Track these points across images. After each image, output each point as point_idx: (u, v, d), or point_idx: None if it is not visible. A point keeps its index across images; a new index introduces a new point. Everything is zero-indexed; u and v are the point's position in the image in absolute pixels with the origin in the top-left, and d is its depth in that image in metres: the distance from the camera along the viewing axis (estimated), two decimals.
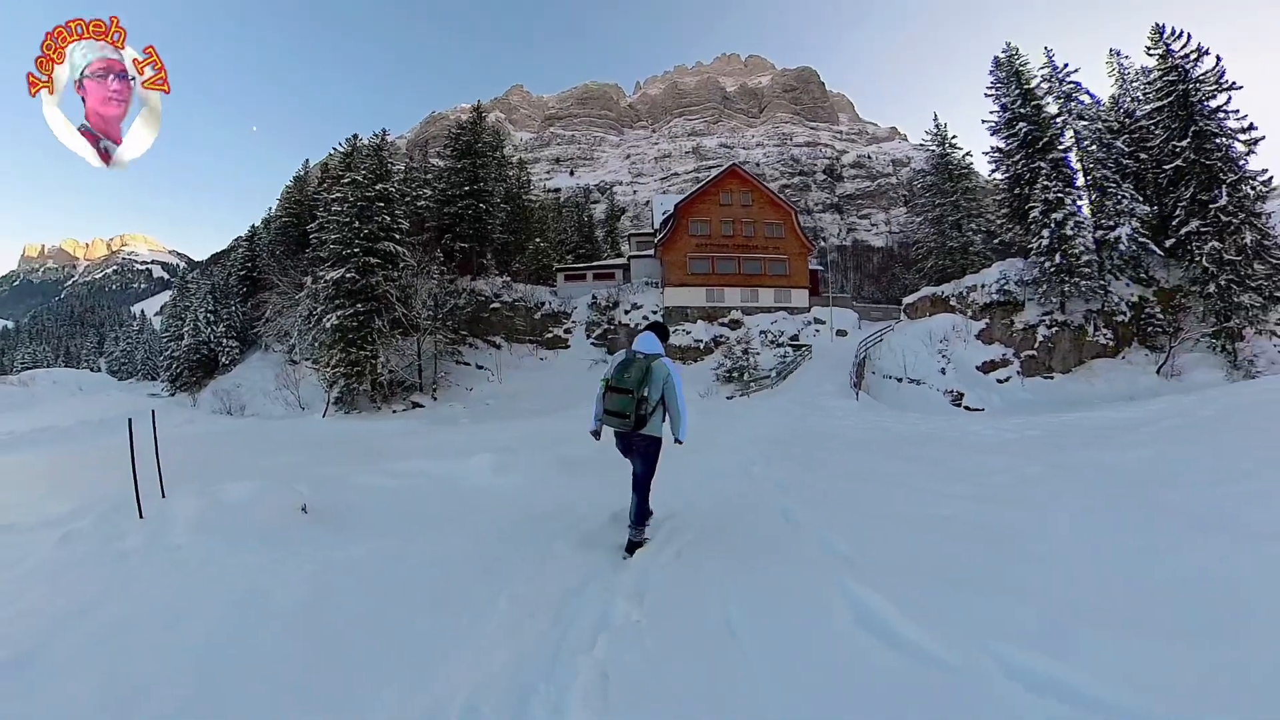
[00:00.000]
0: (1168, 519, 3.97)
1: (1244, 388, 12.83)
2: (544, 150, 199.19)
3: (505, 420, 18.63)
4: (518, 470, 6.34)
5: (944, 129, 38.02)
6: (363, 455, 8.41)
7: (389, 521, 4.53)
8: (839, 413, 16.20)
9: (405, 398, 28.94)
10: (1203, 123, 24.35)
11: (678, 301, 36.30)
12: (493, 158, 40.43)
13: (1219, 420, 7.98)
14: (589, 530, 4.35)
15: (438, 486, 5.65)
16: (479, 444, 8.70)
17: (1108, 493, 4.97)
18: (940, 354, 27.09)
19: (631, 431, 4.01)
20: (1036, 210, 25.65)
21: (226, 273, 46.90)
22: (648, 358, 4.08)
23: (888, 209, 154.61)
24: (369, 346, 27.72)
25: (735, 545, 3.90)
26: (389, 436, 13.61)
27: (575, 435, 10.44)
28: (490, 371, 32.55)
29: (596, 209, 79.72)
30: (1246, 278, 23.19)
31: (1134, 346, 25.67)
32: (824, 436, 10.41)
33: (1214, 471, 5.09)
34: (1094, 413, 12.69)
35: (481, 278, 36.92)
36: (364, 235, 28.46)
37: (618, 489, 5.53)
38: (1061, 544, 3.71)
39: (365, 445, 10.37)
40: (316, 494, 5.10)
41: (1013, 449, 8.22)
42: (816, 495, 5.37)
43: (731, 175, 38.83)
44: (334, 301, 28.10)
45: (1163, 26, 26.34)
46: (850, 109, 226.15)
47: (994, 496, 5.23)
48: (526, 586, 3.18)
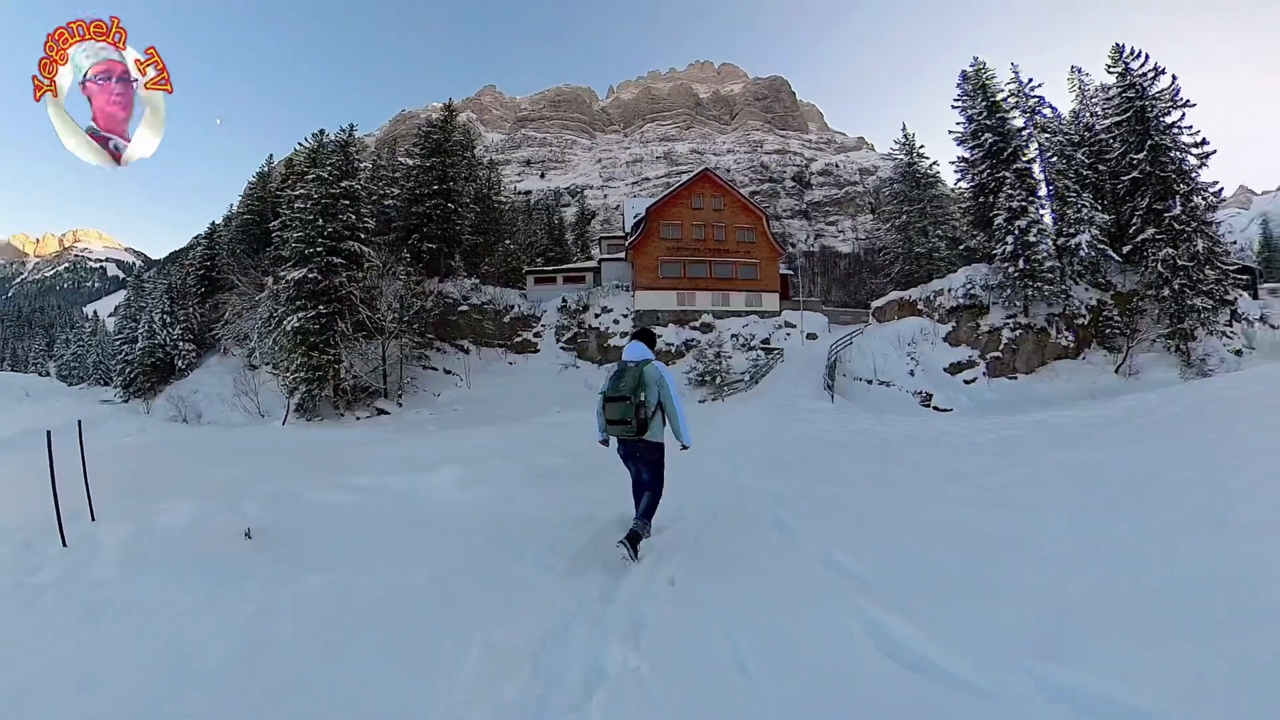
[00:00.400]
0: (1164, 516, 3.91)
1: (1202, 386, 13.17)
2: (515, 152, 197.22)
3: (474, 427, 17.98)
4: (487, 483, 5.86)
5: (912, 139, 38.85)
6: (321, 467, 7.75)
7: (344, 547, 4.06)
8: (816, 415, 16.04)
9: (369, 404, 27.89)
10: (1158, 137, 25.65)
11: (649, 305, 36.08)
12: (463, 157, 39.63)
13: (1188, 417, 8.11)
14: (569, 552, 3.96)
15: (399, 504, 5.17)
16: (445, 454, 8.18)
17: (1101, 491, 4.90)
18: (909, 356, 27.55)
19: (635, 439, 4.09)
20: (1001, 218, 26.43)
21: (184, 272, 44.51)
22: (639, 364, 4.16)
23: (854, 216, 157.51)
24: (331, 350, 26.66)
25: (733, 566, 3.57)
26: (351, 446, 12.85)
27: (548, 442, 9.84)
28: (458, 376, 31.63)
29: (567, 212, 79.22)
30: (1198, 282, 24.48)
31: (1093, 347, 26.70)
32: (806, 440, 10.20)
33: (1199, 467, 5.07)
34: (1067, 411, 12.83)
35: (449, 280, 36.01)
36: (328, 234, 27.40)
37: (595, 501, 5.16)
38: (1067, 547, 3.60)
39: (325, 456, 9.69)
40: (266, 514, 4.61)
41: (997, 449, 8.14)
42: (811, 504, 5.07)
43: (704, 179, 38.98)
44: (295, 303, 26.90)
45: (1123, 46, 27.55)
46: (820, 118, 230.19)
47: (990, 499, 5.08)
48: (502, 627, 2.74)
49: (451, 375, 31.77)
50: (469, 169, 40.73)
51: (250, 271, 34.27)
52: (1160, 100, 26.19)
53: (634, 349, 4.33)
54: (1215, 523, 3.58)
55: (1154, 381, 23.09)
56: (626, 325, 35.49)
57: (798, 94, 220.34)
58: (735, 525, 4.56)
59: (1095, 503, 4.52)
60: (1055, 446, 7.61)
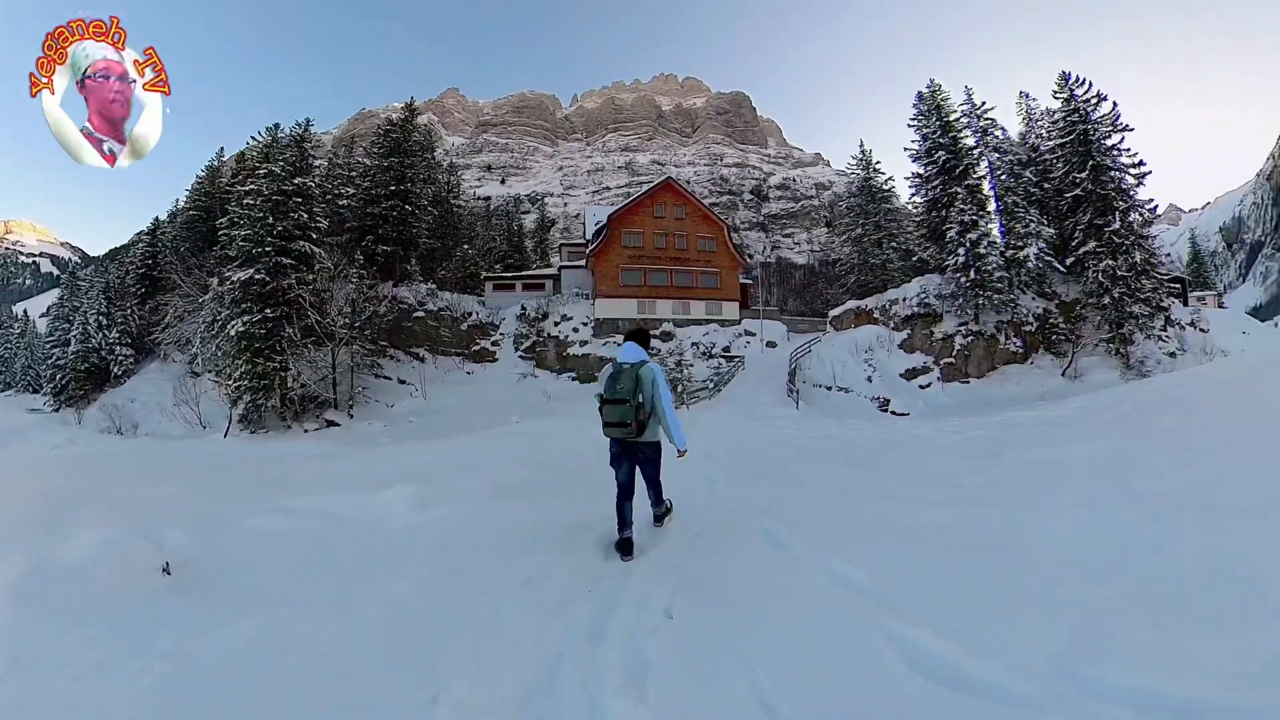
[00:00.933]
0: (1152, 506, 3.93)
1: (1145, 386, 13.69)
2: (476, 156, 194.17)
3: (430, 439, 17.17)
4: (445, 502, 5.30)
5: (869, 155, 40.09)
6: (261, 485, 6.97)
7: (281, 584, 3.47)
8: (783, 422, 16.01)
9: (318, 415, 26.42)
10: (1100, 158, 27.27)
11: (609, 313, 35.71)
12: (423, 158, 38.45)
13: (1141, 413, 8.32)
14: (544, 581, 3.49)
15: (346, 529, 4.57)
16: (398, 470, 7.58)
17: (1083, 486, 4.89)
18: (866, 363, 28.07)
19: (635, 440, 4.15)
20: (953, 230, 27.49)
21: (124, 271, 41.31)
22: (634, 366, 4.16)
23: (810, 229, 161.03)
24: (278, 357, 25.19)
25: (732, 589, 3.24)
26: (296, 460, 11.92)
27: (509, 454, 9.34)
28: (413, 386, 30.32)
29: (527, 219, 78.29)
30: (1136, 291, 26.09)
31: (1040, 353, 27.97)
32: (777, 447, 10.03)
33: (1170, 458, 5.16)
34: (1026, 413, 13.11)
35: (405, 284, 34.68)
36: (277, 233, 25.98)
37: (569, 520, 4.75)
38: (1065, 544, 3.55)
39: (266, 472, 8.82)
40: (191, 542, 3.99)
41: (967, 450, 8.15)
42: (798, 514, 4.81)
43: (666, 188, 39.10)
44: (240, 306, 25.31)
45: (1069, 74, 29.19)
46: (779, 134, 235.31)
47: (977, 499, 4.99)
48: (475, 680, 2.29)
49: (406, 385, 30.42)
50: (428, 170, 39.57)
51: (194, 271, 32.21)
52: (1102, 124, 27.81)
53: (629, 350, 4.32)
54: (1203, 507, 3.66)
55: (1097, 383, 24.52)
56: (586, 334, 35.03)
57: (758, 109, 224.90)
58: (724, 542, 4.23)
59: (1081, 498, 4.51)
60: (1024, 445, 7.66)
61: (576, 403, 28.31)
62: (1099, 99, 28.14)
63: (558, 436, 12.14)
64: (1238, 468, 4.41)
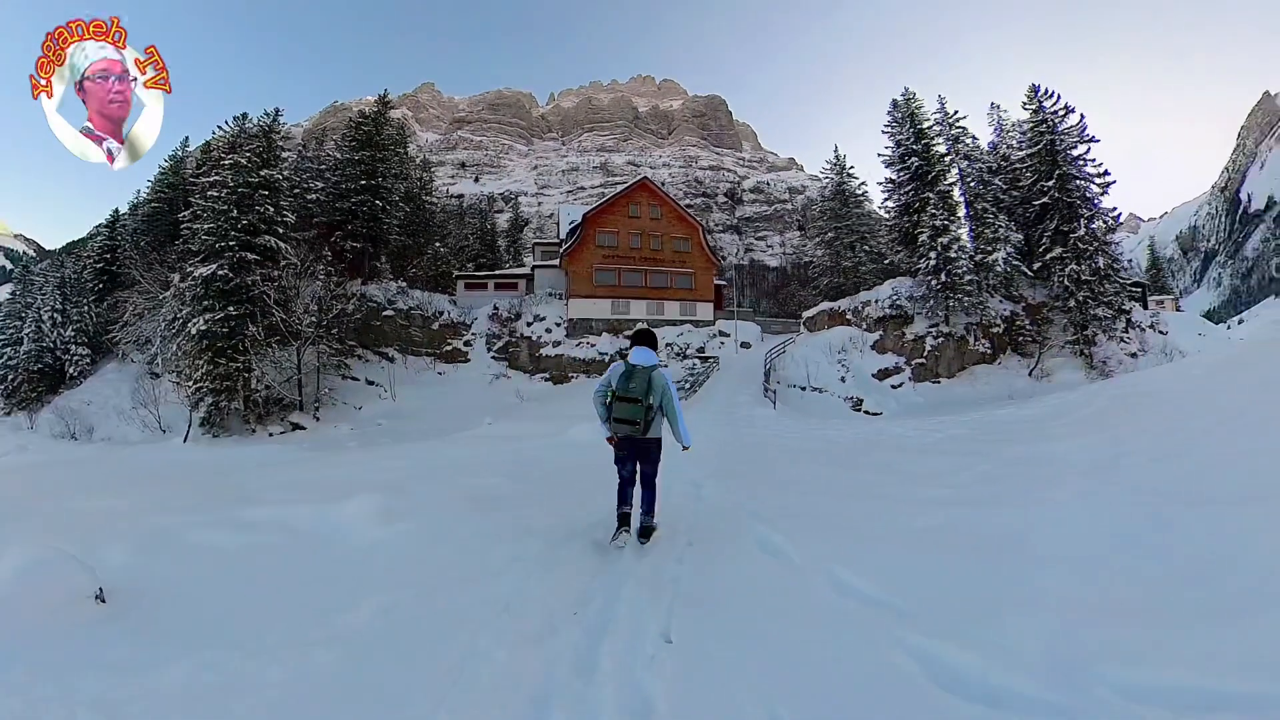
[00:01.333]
0: (1144, 500, 3.95)
1: (1111, 385, 14.05)
2: (450, 154, 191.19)
3: (399, 443, 16.60)
4: (413, 514, 4.87)
5: (843, 160, 40.66)
6: (217, 495, 6.46)
7: (229, 612, 3.06)
8: (762, 421, 15.99)
9: (283, 418, 25.49)
10: (1066, 167, 28.35)
11: (582, 313, 35.35)
12: (395, 153, 37.47)
13: (1113, 411, 8.49)
14: (525, 604, 3.13)
15: (304, 545, 4.15)
16: (364, 478, 7.16)
17: (1074, 482, 4.89)
18: (840, 363, 28.39)
19: (641, 436, 4.39)
20: (925, 235, 28.09)
21: (81, 265, 39.13)
22: (647, 369, 4.41)
23: (783, 232, 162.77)
24: (241, 357, 24.23)
25: (734, 607, 3.02)
26: (258, 467, 11.34)
27: (483, 460, 8.94)
28: (381, 387, 29.42)
29: (500, 218, 77.31)
30: (1100, 294, 27.19)
31: (1008, 353, 28.82)
32: (760, 448, 9.92)
33: (1152, 453, 5.31)
34: (1000, 411, 13.32)
35: (374, 282, 33.77)
36: (242, 227, 25.02)
37: (551, 534, 4.46)
38: (1069, 540, 3.54)
39: (225, 480, 8.20)
40: (132, 563, 3.61)
41: (950, 447, 8.17)
42: (791, 519, 4.64)
43: (642, 188, 38.84)
44: (202, 303, 24.30)
45: (1038, 86, 30.28)
46: (754, 138, 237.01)
47: (969, 498, 4.94)
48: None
49: (374, 386, 29.51)
50: (401, 166, 38.64)
51: (155, 267, 30.63)
52: (1069, 135, 28.93)
53: (641, 353, 4.55)
54: (1193, 499, 3.71)
55: (1063, 382, 25.41)
56: (560, 334, 34.63)
57: (734, 113, 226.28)
58: (717, 552, 4.03)
59: (1072, 493, 4.48)
60: (1006, 442, 7.69)
61: (550, 404, 27.86)
62: (1067, 111, 29.16)
63: (533, 440, 11.81)
64: (1218, 461, 4.51)
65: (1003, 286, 28.96)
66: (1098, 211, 28.17)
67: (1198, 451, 4.72)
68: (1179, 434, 5.46)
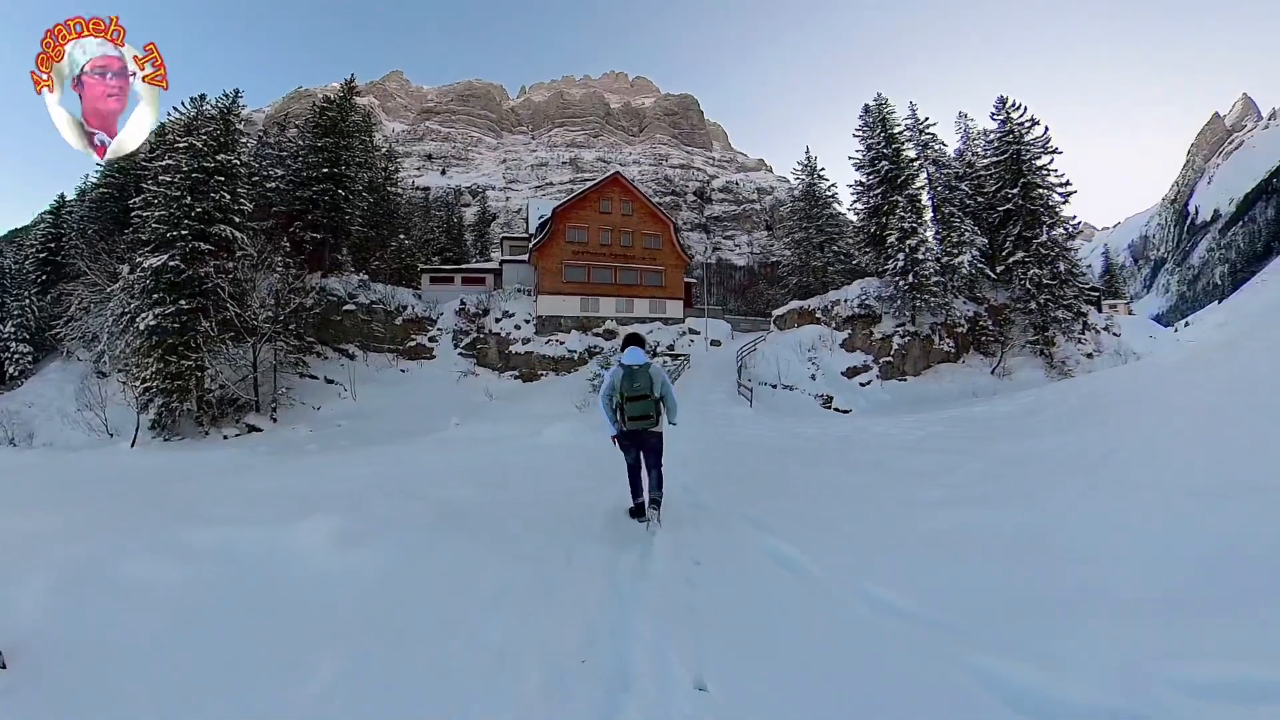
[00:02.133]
0: (1147, 494, 3.92)
1: (1081, 383, 14.13)
2: (417, 144, 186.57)
3: (361, 446, 15.84)
4: (376, 537, 4.14)
5: (814, 161, 41.03)
6: (160, 509, 5.43)
7: (156, 675, 2.40)
8: (740, 420, 15.84)
9: (238, 420, 24.20)
10: (1031, 176, 29.50)
11: (551, 310, 34.73)
12: (360, 140, 36.12)
13: (1089, 408, 8.57)
14: (521, 652, 2.58)
15: (250, 579, 3.44)
16: (323, 487, 6.46)
17: (1072, 480, 4.81)
18: (810, 361, 28.59)
19: (649, 430, 4.83)
20: (894, 236, 28.68)
21: (22, 255, 36.50)
22: (644, 366, 4.86)
23: (751, 232, 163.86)
24: (193, 354, 22.94)
25: (765, 636, 2.64)
26: (209, 474, 10.35)
27: (455, 465, 8.36)
28: (342, 386, 28.14)
29: (467, 212, 75.93)
30: (1060, 298, 28.35)
31: (971, 352, 29.68)
32: (744, 447, 9.68)
33: (1138, 448, 5.27)
34: (976, 408, 13.40)
35: (335, 275, 32.51)
36: (196, 215, 23.65)
37: (543, 557, 3.97)
38: (1092, 538, 3.44)
39: (170, 492, 7.14)
40: (52, 606, 2.98)
41: (935, 445, 8.10)
42: (796, 525, 4.40)
43: (613, 183, 38.27)
44: (152, 296, 22.86)
45: (1005, 97, 31.28)
46: (724, 138, 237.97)
47: (971, 497, 4.80)
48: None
49: (334, 385, 28.22)
50: (365, 154, 37.31)
51: (103, 257, 28.53)
52: (1033, 146, 30.07)
53: (634, 354, 4.95)
54: (1195, 490, 3.68)
55: (1024, 380, 26.48)
56: (529, 331, 33.94)
57: (705, 113, 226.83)
58: (729, 570, 3.65)
59: (1076, 491, 4.37)
60: (990, 440, 7.63)
61: (520, 402, 27.21)
62: (1032, 123, 30.27)
63: (506, 443, 11.34)
64: (1205, 456, 4.51)
65: (967, 288, 29.74)
66: (1059, 219, 29.30)
67: (1184, 447, 4.70)
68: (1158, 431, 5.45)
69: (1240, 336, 10.49)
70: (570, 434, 11.40)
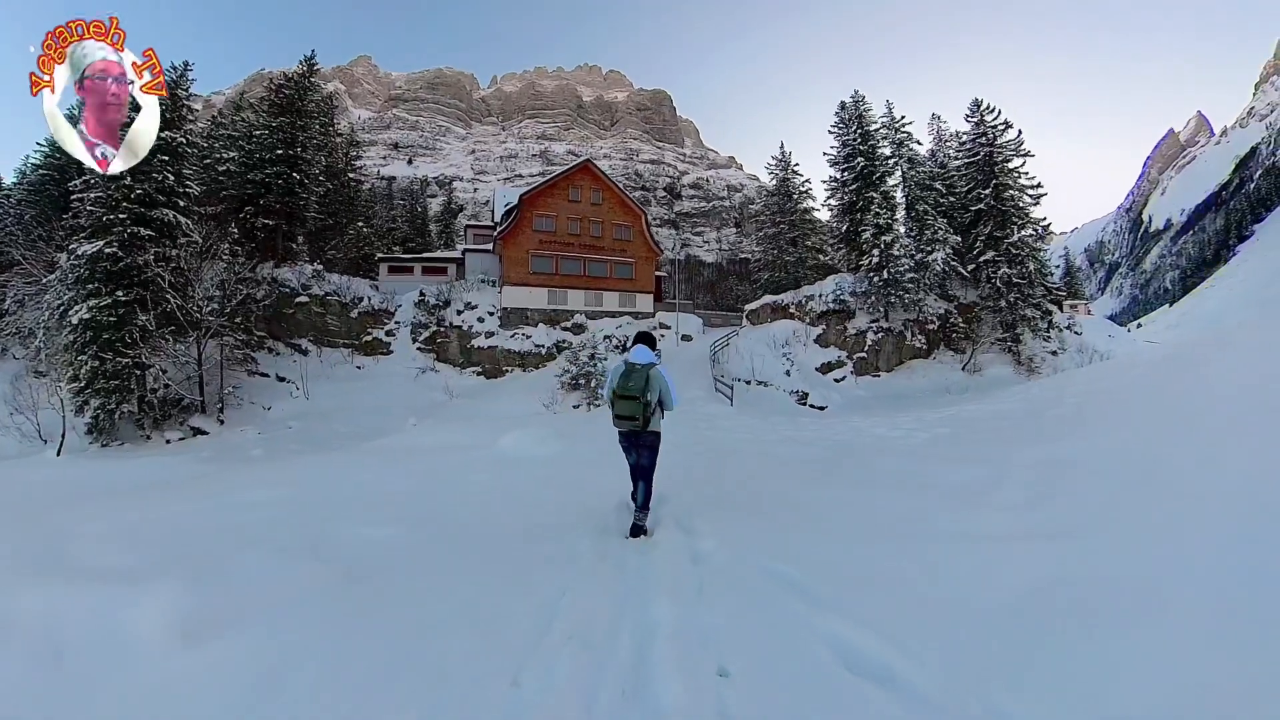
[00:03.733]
0: (1249, 515, 3.02)
1: (1071, 381, 13.40)
2: (383, 133, 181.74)
3: (305, 453, 14.34)
4: (237, 626, 2.81)
5: (789, 156, 40.73)
6: (17, 553, 3.72)
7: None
8: (722, 420, 14.89)
9: (183, 422, 22.22)
10: (1003, 178, 29.89)
11: (516, 302, 33.13)
12: (319, 122, 34.05)
13: (1092, 408, 7.94)
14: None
15: (57, 688, 2.26)
16: (211, 522, 5.07)
17: (1137, 492, 3.95)
18: (785, 357, 28.19)
19: (641, 430, 4.68)
20: (868, 232, 28.67)
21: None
22: (645, 367, 4.70)
23: (720, 229, 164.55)
24: (133, 351, 20.97)
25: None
26: (109, 496, 8.17)
27: (384, 490, 6.73)
28: (294, 384, 26.32)
29: (434, 203, 73.78)
30: (1029, 296, 28.78)
31: (941, 349, 29.97)
32: (735, 454, 8.70)
33: (1186, 455, 4.34)
34: (969, 406, 12.68)
35: (288, 264, 30.53)
36: (136, 197, 21.61)
37: (468, 658, 2.60)
38: (1209, 589, 2.48)
39: (44, 523, 5.17)
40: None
41: (953, 452, 7.27)
42: (849, 586, 3.20)
43: (584, 171, 36.81)
44: (86, 286, 20.79)
45: (980, 100, 31.69)
46: (695, 134, 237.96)
47: (1044, 526, 3.76)
48: None
49: (286, 383, 26.40)
50: (325, 137, 35.21)
51: (39, 244, 26.19)
52: (1006, 148, 30.48)
53: (640, 352, 4.85)
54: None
55: (995, 377, 26.82)
56: (493, 324, 32.27)
57: (678, 109, 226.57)
58: (780, 699, 2.25)
59: (1165, 513, 3.37)
60: (1009, 443, 6.86)
61: (483, 400, 25.96)
62: (1006, 126, 30.67)
63: (455, 454, 9.52)
64: (1264, 462, 3.67)
65: (938, 286, 29.86)
66: (1029, 220, 29.77)
67: (1239, 453, 3.94)
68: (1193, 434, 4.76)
69: (1235, 331, 10.08)
70: (532, 443, 9.73)
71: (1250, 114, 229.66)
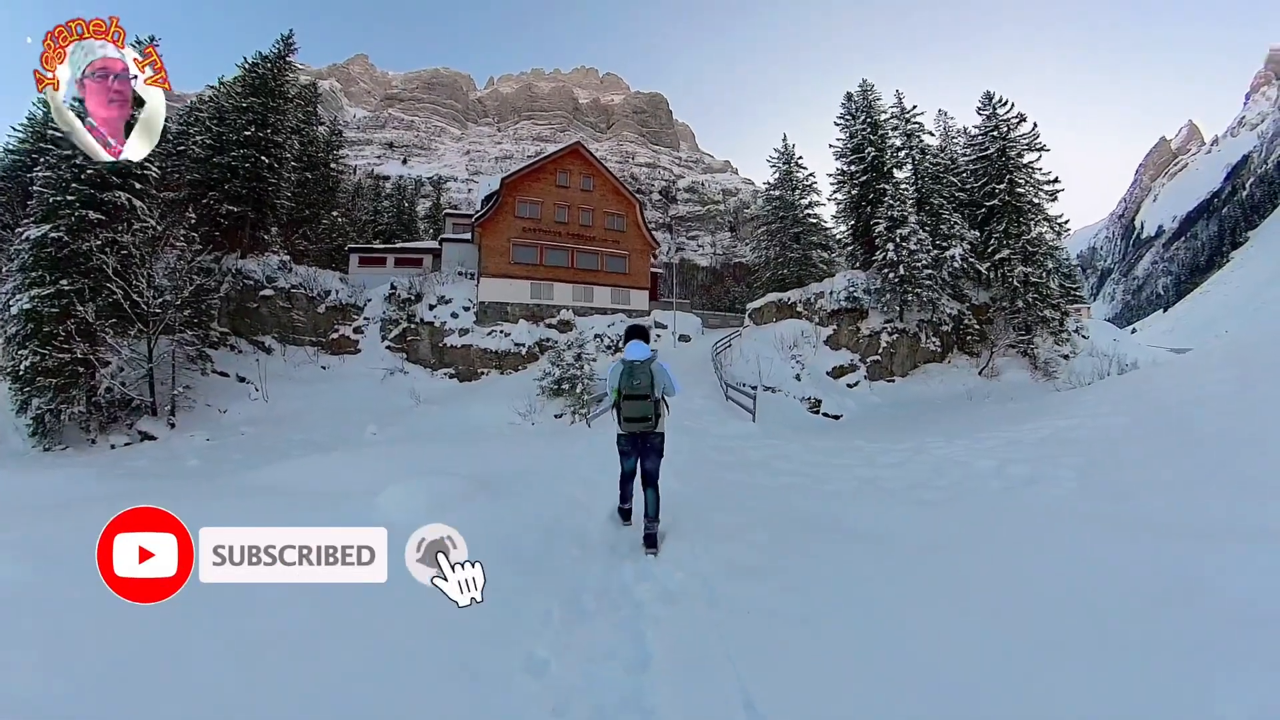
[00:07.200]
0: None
1: (1131, 388, 11.12)
2: (379, 132, 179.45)
3: (258, 464, 12.06)
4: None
5: (792, 149, 38.81)
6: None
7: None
8: (749, 445, 10.80)
9: (131, 425, 20.16)
10: (1016, 173, 28.57)
11: (495, 296, 29.84)
12: (296, 104, 31.80)
13: (1140, 429, 6.76)
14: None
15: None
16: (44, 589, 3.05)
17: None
18: (794, 360, 26.14)
19: (651, 431, 4.59)
20: (882, 226, 27.01)
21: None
22: (645, 363, 4.62)
23: (714, 233, 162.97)
24: (75, 345, 18.94)
25: None
26: (22, 512, 6.41)
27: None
28: (253, 385, 23.85)
29: (426, 202, 71.82)
30: (1047, 296, 27.28)
31: (956, 352, 28.31)
32: (769, 500, 6.09)
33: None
34: (1041, 422, 9.55)
35: (253, 255, 28.11)
36: (87, 177, 19.67)
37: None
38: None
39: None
40: None
41: (1056, 502, 5.19)
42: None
43: (574, 154, 33.78)
44: (30, 274, 19.01)
45: (993, 93, 30.32)
46: (692, 138, 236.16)
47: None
48: None
49: (246, 384, 23.97)
50: (305, 124, 33.00)
51: (6, 231, 24.30)
52: (1020, 142, 29.16)
53: (637, 348, 4.73)
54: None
55: (1012, 382, 25.43)
56: (468, 320, 29.24)
57: (674, 113, 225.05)
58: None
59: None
60: (1146, 490, 4.78)
61: (452, 406, 23.29)
62: (1020, 119, 29.40)
63: (307, 515, 5.77)
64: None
65: (952, 285, 28.19)
66: (1046, 215, 28.58)
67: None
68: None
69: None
70: (425, 507, 4.69)
71: (1241, 123, 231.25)
